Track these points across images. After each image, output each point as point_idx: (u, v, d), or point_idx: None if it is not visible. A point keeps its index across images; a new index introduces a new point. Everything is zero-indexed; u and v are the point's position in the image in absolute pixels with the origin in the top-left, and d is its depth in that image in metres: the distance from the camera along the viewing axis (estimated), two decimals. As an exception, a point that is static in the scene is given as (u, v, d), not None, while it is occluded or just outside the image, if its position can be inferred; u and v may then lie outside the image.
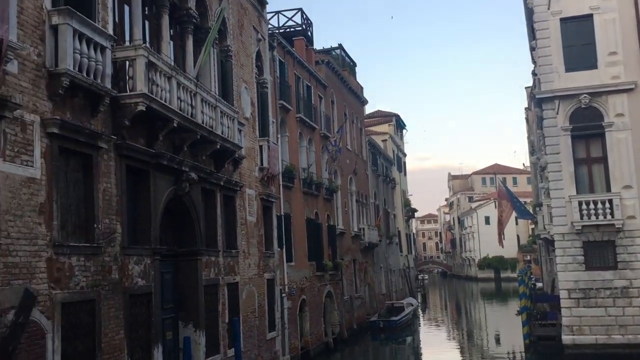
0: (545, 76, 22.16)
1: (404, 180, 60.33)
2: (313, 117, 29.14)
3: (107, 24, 11.55)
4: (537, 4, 22.39)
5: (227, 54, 18.09)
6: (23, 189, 8.81)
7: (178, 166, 13.50)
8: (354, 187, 36.55)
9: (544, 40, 22.24)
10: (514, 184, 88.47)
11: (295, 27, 31.55)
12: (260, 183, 20.18)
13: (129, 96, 11.43)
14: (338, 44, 38.78)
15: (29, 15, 9.25)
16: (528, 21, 27.24)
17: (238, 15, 19.29)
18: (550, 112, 22.02)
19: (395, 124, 57.65)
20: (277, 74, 24.19)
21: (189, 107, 13.69)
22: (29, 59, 9.18)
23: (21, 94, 8.91)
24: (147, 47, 11.97)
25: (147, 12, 14.26)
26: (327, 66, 32.77)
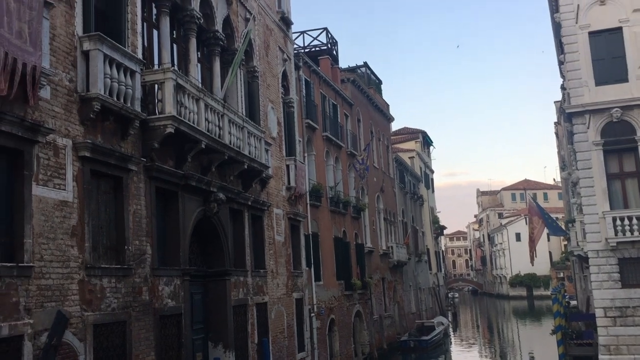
0: (575, 90, 21.83)
1: (432, 197, 59.86)
2: (339, 136, 29.17)
3: (136, 48, 11.77)
4: (565, 18, 22.15)
5: (254, 75, 18.27)
6: (56, 212, 8.95)
7: (206, 187, 13.59)
8: (382, 205, 36.36)
9: (572, 54, 21.96)
10: (544, 199, 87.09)
11: (320, 47, 31.77)
12: (287, 202, 20.20)
13: (158, 119, 11.58)
14: (363, 62, 38.93)
15: (61, 42, 9.46)
16: (556, 35, 26.97)
17: (264, 37, 19.50)
18: (581, 126, 21.65)
19: (422, 140, 57.38)
20: (303, 93, 24.32)
21: (216, 128, 13.82)
22: (61, 85, 9.38)
23: (54, 118, 9.09)
24: (175, 70, 12.15)
25: (175, 35, 14.50)
26: (352, 84, 32.86)
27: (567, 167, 35.85)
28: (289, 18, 22.13)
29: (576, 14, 21.65)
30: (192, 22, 14.48)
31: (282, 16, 21.52)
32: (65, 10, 9.66)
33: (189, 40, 14.61)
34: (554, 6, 24.40)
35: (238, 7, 17.40)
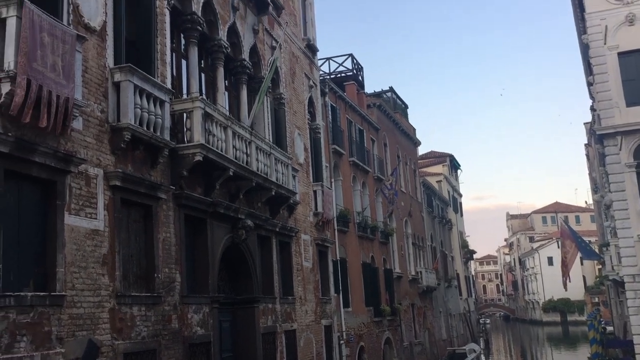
0: (605, 112, 21.55)
1: (461, 221, 59.19)
2: (366, 160, 29.14)
3: (165, 78, 11.97)
4: (593, 39, 21.98)
5: (280, 102, 18.42)
6: (87, 240, 9.06)
7: (234, 214, 13.65)
8: (410, 229, 36.06)
9: (601, 75, 21.73)
10: (576, 222, 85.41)
11: (346, 72, 31.97)
12: (315, 228, 20.16)
13: (186, 147, 11.72)
14: (389, 87, 39.02)
15: (92, 74, 9.68)
16: (584, 57, 26.71)
17: (290, 64, 19.70)
18: (613, 148, 21.30)
19: (450, 164, 57.02)
20: (329, 119, 24.42)
21: (244, 155, 13.92)
22: (93, 115, 9.56)
23: (85, 149, 9.26)
24: (203, 99, 12.32)
25: (203, 64, 14.74)
26: (378, 109, 32.91)
27: (599, 190, 35.16)
28: (314, 45, 22.35)
29: (604, 35, 21.47)
30: (220, 52, 14.72)
31: (308, 43, 21.74)
32: (97, 43, 9.90)
33: (217, 69, 14.83)
34: (581, 28, 24.24)
35: (264, 35, 17.65)
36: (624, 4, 21.83)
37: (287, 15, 19.93)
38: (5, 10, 7.75)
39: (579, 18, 24.91)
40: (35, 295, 7.93)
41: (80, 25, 9.48)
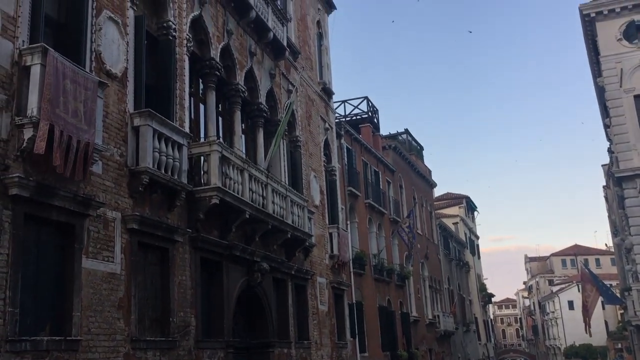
0: (623, 154, 21.41)
1: (478, 263, 58.42)
2: (382, 202, 29.07)
3: (183, 122, 12.16)
4: (609, 82, 22.03)
5: (296, 144, 18.56)
6: (104, 284, 9.06)
7: (250, 257, 13.61)
8: (427, 272, 35.64)
9: (618, 117, 21.68)
10: (597, 265, 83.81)
11: (361, 115, 32.24)
12: (330, 271, 20.01)
13: (203, 190, 11.80)
14: (404, 129, 39.21)
15: (113, 119, 9.86)
16: (600, 99, 26.72)
17: (306, 107, 19.92)
18: (632, 191, 21.07)
19: (466, 205, 56.65)
20: (345, 161, 24.51)
21: (260, 197, 13.97)
22: (112, 160, 9.70)
23: (104, 192, 9.36)
24: (220, 143, 12.46)
25: (221, 108, 14.96)
26: (394, 151, 33.00)
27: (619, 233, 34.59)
28: (330, 88, 22.63)
29: (620, 77, 21.52)
30: (237, 96, 14.95)
31: (324, 87, 22.01)
32: (118, 89, 10.11)
33: (234, 112, 15.03)
34: (596, 71, 24.33)
35: (281, 79, 17.91)
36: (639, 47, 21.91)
37: (304, 59, 20.26)
38: (30, 58, 7.97)
39: (594, 61, 25.02)
40: (51, 340, 7.91)
41: (102, 71, 9.71)
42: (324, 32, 23.25)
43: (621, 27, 22.99)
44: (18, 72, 8.00)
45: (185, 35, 12.53)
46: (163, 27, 11.93)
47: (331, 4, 23.75)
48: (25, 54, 8.01)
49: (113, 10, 10.22)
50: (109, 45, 9.96)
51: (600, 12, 23.32)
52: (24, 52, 8.01)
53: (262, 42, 16.48)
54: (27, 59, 8.00)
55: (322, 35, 23.06)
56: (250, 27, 15.84)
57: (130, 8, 10.72)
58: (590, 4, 23.71)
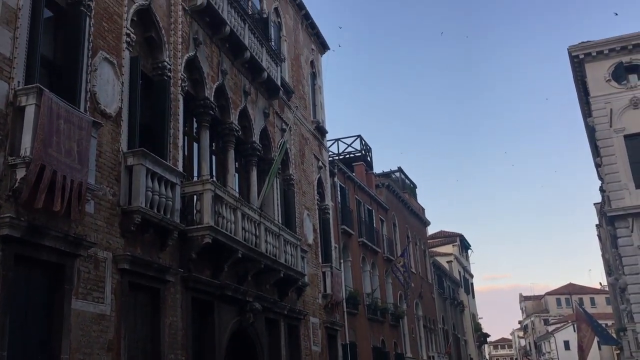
0: (615, 193, 21.54)
1: (473, 302, 57.99)
2: (375, 241, 28.98)
3: (177, 161, 12.17)
4: (599, 122, 22.32)
5: (290, 183, 18.59)
6: (93, 325, 8.92)
7: (242, 297, 13.47)
8: (421, 311, 35.32)
9: (609, 157, 21.89)
10: (591, 305, 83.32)
11: (355, 153, 32.41)
12: (324, 310, 19.79)
13: (196, 229, 11.74)
14: (398, 167, 39.39)
15: (106, 158, 9.87)
16: (590, 138, 27.02)
17: (299, 145, 20.02)
18: (624, 230, 21.12)
19: (460, 244, 56.52)
20: (338, 200, 24.52)
21: (253, 236, 13.91)
22: (105, 199, 9.66)
23: (96, 232, 9.29)
24: (214, 182, 12.46)
25: (214, 147, 15.01)
26: (387, 189, 33.08)
27: (613, 272, 34.53)
28: (323, 127, 22.80)
29: (610, 117, 21.81)
30: (231, 135, 15.03)
31: (317, 125, 22.19)
32: (112, 128, 10.15)
33: (228, 151, 15.09)
34: (586, 111, 24.66)
35: (275, 118, 18.05)
36: (628, 88, 22.30)
37: (297, 98, 20.46)
38: (25, 99, 8.02)
39: (584, 101, 25.40)
40: (38, 383, 7.73)
41: (97, 111, 9.76)
42: (318, 72, 23.55)
43: (610, 68, 23.43)
44: (12, 113, 8.03)
45: (180, 75, 12.66)
46: (158, 68, 12.06)
47: (325, 44, 24.13)
48: (20, 94, 8.06)
49: (109, 51, 10.34)
50: (104, 85, 10.04)
51: (588, 53, 23.79)
52: (19, 93, 8.06)
53: (256, 82, 16.66)
54: (22, 99, 8.04)
55: (316, 74, 23.36)
56: (244, 67, 16.03)
57: (126, 49, 10.85)
58: (579, 46, 24.20)
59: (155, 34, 12.07)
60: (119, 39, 10.71)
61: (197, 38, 13.59)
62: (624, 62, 23.18)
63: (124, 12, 10.94)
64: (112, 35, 10.51)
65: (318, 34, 23.43)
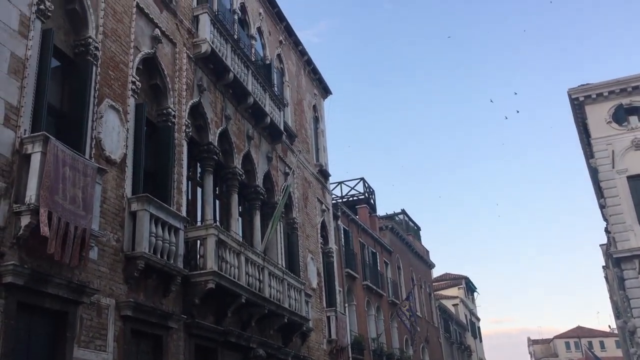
0: (620, 235, 21.42)
1: (480, 346, 57.01)
2: (380, 284, 28.72)
3: (181, 206, 12.20)
4: (601, 163, 22.38)
5: (293, 227, 18.56)
6: (94, 374, 8.79)
7: (246, 343, 13.29)
8: (427, 356, 34.71)
9: (613, 198, 21.86)
10: (601, 348, 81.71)
11: (358, 196, 32.46)
12: (329, 356, 19.47)
13: (199, 274, 11.68)
14: (401, 209, 39.37)
15: (110, 204, 9.91)
16: (593, 180, 27.02)
17: (303, 189, 20.07)
18: (631, 272, 20.92)
19: (466, 286, 55.93)
20: (342, 243, 24.43)
21: (257, 281, 13.81)
22: (109, 245, 9.66)
23: (99, 279, 9.26)
24: (217, 226, 12.45)
25: (218, 191, 15.06)
26: (391, 232, 32.98)
27: (621, 315, 34.00)
28: (326, 170, 22.89)
29: (612, 159, 21.87)
30: (235, 179, 15.10)
31: (320, 169, 22.29)
32: (116, 175, 10.23)
33: (231, 195, 15.13)
34: (588, 152, 24.75)
35: (278, 162, 18.16)
36: (629, 130, 22.44)
37: (300, 142, 20.62)
38: (31, 147, 8.11)
39: (585, 143, 25.52)
40: None
41: (102, 158, 9.86)
42: (320, 116, 23.80)
43: (610, 110, 23.63)
44: (18, 160, 8.11)
45: (184, 121, 12.81)
46: (163, 114, 12.23)
47: (327, 89, 24.45)
48: (26, 142, 8.16)
49: (114, 98, 10.50)
50: (109, 132, 10.17)
51: (588, 96, 24.04)
52: (26, 141, 8.16)
53: (259, 127, 16.84)
54: (28, 147, 8.14)
55: (318, 118, 23.60)
56: (248, 112, 16.23)
57: (131, 96, 11.02)
58: (579, 89, 24.46)
59: (160, 81, 12.29)
60: (125, 87, 10.90)
61: (201, 84, 13.81)
62: (624, 104, 23.40)
63: (130, 61, 11.16)
64: (118, 83, 10.70)
65: (320, 79, 23.78)
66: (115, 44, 10.77)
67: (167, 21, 12.79)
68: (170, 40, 12.75)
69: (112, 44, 10.70)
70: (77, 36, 10.02)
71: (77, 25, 10.04)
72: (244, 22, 17.71)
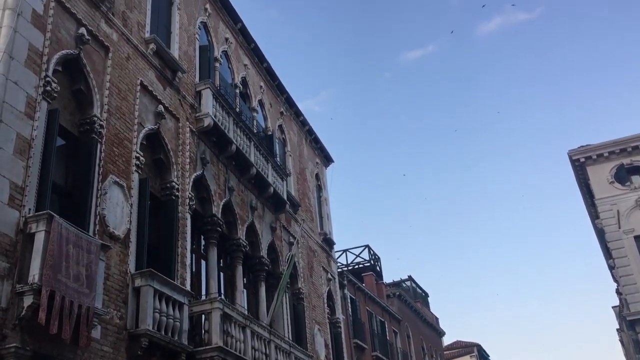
0: (632, 296, 21.05)
1: (496, 416, 54.86)
2: (390, 354, 28.00)
3: (185, 280, 12.07)
4: (607, 224, 22.27)
5: (299, 297, 18.28)
6: None
7: (253, 421, 12.81)
8: None
9: (621, 259, 21.62)
10: (621, 414, 78.61)
11: (364, 263, 32.14)
12: None
13: (204, 350, 11.41)
14: (408, 276, 38.84)
15: (114, 281, 9.80)
16: (600, 240, 26.81)
17: (307, 258, 19.90)
18: (647, 334, 20.38)
19: (478, 354, 54.38)
20: (349, 312, 23.99)
21: (263, 355, 13.47)
22: (112, 323, 9.49)
23: (102, 358, 9.04)
24: (222, 300, 12.27)
25: (222, 263, 14.94)
26: (399, 299, 32.45)
27: (640, 378, 32.87)
28: (331, 238, 22.77)
29: (617, 219, 21.78)
30: (239, 250, 15.00)
31: (325, 237, 22.17)
32: (120, 250, 10.17)
33: (236, 267, 14.98)
34: (593, 213, 24.67)
35: (282, 232, 18.09)
36: (632, 189, 22.45)
37: (304, 211, 20.61)
38: (35, 226, 8.11)
39: (589, 203, 25.48)
40: None
41: (105, 234, 9.84)
42: (323, 184, 23.91)
43: (611, 170, 23.72)
44: (22, 240, 8.09)
45: (187, 194, 12.87)
46: (166, 188, 12.29)
47: (329, 157, 24.68)
48: (30, 221, 8.17)
49: (118, 174, 10.59)
50: (113, 208, 10.20)
51: (589, 157, 24.20)
52: (30, 220, 8.17)
53: (262, 197, 16.89)
54: (32, 226, 8.14)
55: (321, 187, 23.69)
56: (251, 183, 16.32)
57: (135, 172, 11.12)
58: (579, 150, 24.66)
59: (164, 155, 12.42)
60: (129, 163, 11.01)
61: (204, 157, 13.95)
62: (625, 164, 23.51)
63: (134, 137, 11.33)
64: (122, 159, 10.81)
65: (322, 147, 24.04)
66: (119, 121, 10.97)
67: (171, 97, 13.08)
68: (173, 115, 12.99)
69: (117, 121, 10.89)
70: (83, 115, 10.22)
71: (82, 104, 10.27)
72: (245, 95, 18.09)
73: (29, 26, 9.06)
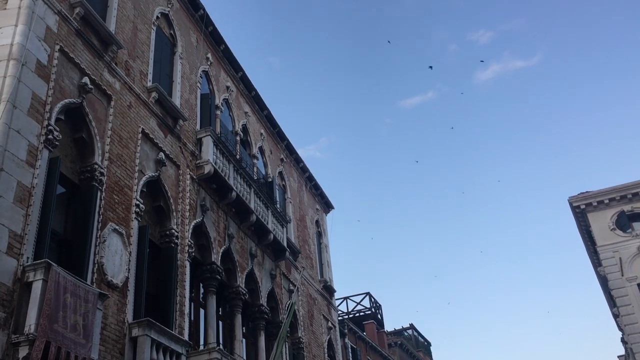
0: (637, 345, 20.67)
1: None
2: (391, 405, 27.33)
3: (183, 329, 11.87)
4: (610, 271, 22.09)
5: (299, 346, 17.95)
6: None
7: None
8: None
9: (626, 307, 21.33)
10: None
11: (364, 311, 31.71)
12: None
13: (202, 403, 11.13)
14: (410, 324, 38.29)
15: (111, 330, 9.64)
16: (604, 287, 26.52)
17: (308, 306, 19.63)
18: (654, 385, 19.94)
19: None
20: (350, 362, 23.53)
21: (262, 408, 13.14)
22: (107, 374, 9.28)
23: (96, 411, 8.79)
24: (220, 350, 12.04)
25: (221, 312, 14.72)
26: (400, 349, 31.89)
27: None
28: (331, 286, 22.52)
29: (620, 266, 21.59)
30: (238, 298, 14.81)
31: (325, 285, 21.93)
32: (118, 299, 10.04)
33: (235, 316, 14.77)
34: (595, 260, 24.50)
35: (282, 280, 17.91)
36: (633, 236, 22.33)
37: (304, 258, 20.46)
38: (32, 274, 8.03)
39: (591, 250, 25.31)
40: None
41: (103, 282, 9.73)
42: (323, 231, 23.80)
43: (612, 217, 23.66)
44: (20, 289, 7.99)
45: (187, 241, 12.79)
46: (166, 235, 12.23)
47: (329, 204, 24.65)
48: (28, 270, 8.08)
49: (118, 222, 10.55)
50: (111, 256, 10.11)
51: (589, 203, 24.17)
52: (27, 269, 8.09)
53: (262, 244, 16.78)
54: (29, 275, 8.05)
55: (322, 233, 23.58)
56: (251, 230, 16.24)
57: (134, 219, 11.08)
58: (579, 197, 24.65)
59: (164, 202, 12.41)
60: (129, 210, 10.98)
61: (204, 204, 13.93)
62: (626, 210, 23.48)
63: (135, 184, 11.33)
64: (122, 207, 10.79)
65: (322, 194, 24.05)
66: (120, 169, 11.00)
67: (172, 145, 13.15)
68: (174, 162, 13.03)
69: (117, 169, 10.92)
70: (84, 163, 10.25)
71: (83, 152, 10.32)
72: (245, 142, 18.21)
73: (33, 76, 9.18)
